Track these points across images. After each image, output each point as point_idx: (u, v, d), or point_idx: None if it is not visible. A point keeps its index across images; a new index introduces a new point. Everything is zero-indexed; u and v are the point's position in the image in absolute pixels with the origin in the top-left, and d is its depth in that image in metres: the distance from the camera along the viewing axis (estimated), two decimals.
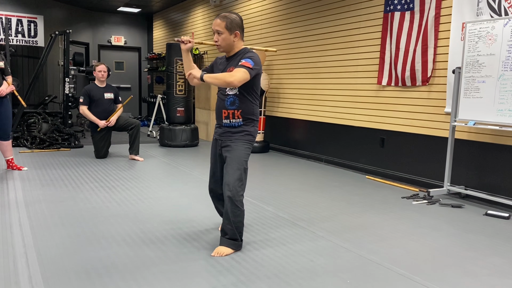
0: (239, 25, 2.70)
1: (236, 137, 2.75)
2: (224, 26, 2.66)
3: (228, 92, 2.73)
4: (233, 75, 2.56)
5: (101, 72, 5.92)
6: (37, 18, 10.09)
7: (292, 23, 6.63)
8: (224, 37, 2.68)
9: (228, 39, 2.69)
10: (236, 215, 2.69)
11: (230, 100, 2.73)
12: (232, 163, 2.69)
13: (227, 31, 2.66)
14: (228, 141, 2.76)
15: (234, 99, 2.72)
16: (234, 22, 2.67)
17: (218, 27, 2.67)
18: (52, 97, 8.97)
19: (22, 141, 6.72)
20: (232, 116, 2.73)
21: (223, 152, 2.79)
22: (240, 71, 2.57)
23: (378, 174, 5.26)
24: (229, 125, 2.76)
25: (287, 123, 6.86)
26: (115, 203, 3.81)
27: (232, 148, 2.73)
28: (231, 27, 2.67)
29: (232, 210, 2.67)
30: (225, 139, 2.78)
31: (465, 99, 4.06)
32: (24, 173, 4.88)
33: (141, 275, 2.39)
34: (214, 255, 2.68)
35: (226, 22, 2.66)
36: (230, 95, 2.72)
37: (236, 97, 2.71)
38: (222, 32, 2.67)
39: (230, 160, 2.71)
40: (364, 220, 3.52)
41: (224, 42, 2.70)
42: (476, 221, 3.60)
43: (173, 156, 6.38)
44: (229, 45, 2.72)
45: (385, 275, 2.49)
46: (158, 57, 10.84)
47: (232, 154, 2.71)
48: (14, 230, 3.04)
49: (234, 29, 2.68)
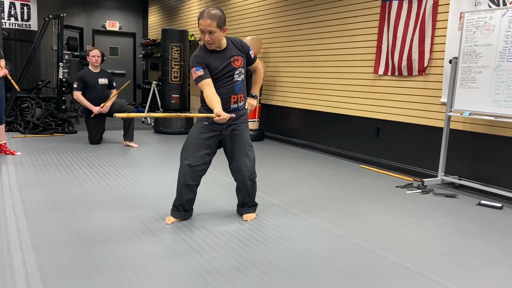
0: (225, 20, 2.81)
1: (242, 119, 2.99)
2: (215, 26, 2.72)
3: (237, 79, 2.91)
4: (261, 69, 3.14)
5: (95, 57, 5.85)
6: (30, 1, 9.92)
7: (288, 10, 6.57)
8: (216, 35, 2.76)
9: (220, 36, 2.79)
10: (255, 189, 3.14)
11: (239, 85, 2.93)
12: (245, 145, 2.99)
13: (218, 29, 2.75)
14: (234, 125, 2.95)
15: (242, 84, 2.95)
16: (222, 18, 2.77)
17: (210, 27, 2.72)
18: (45, 82, 8.89)
19: (15, 126, 6.66)
20: (239, 100, 2.96)
21: (228, 134, 2.95)
22: (259, 63, 3.08)
23: (373, 164, 5.27)
24: (236, 108, 2.95)
25: (283, 112, 6.85)
26: (109, 188, 3.80)
27: (241, 132, 2.98)
28: (221, 24, 2.76)
29: (252, 186, 3.08)
30: (232, 122, 2.91)
31: (461, 89, 4.06)
32: (17, 158, 4.84)
33: (135, 260, 2.39)
34: (246, 219, 3.12)
35: (217, 21, 2.72)
36: (239, 81, 2.92)
37: (242, 82, 2.95)
38: (215, 31, 2.74)
39: (241, 143, 2.97)
40: (358, 209, 3.54)
41: (217, 40, 2.79)
42: (470, 211, 3.63)
43: (168, 143, 6.36)
44: (220, 41, 2.82)
45: (379, 263, 2.50)
46: (153, 43, 10.73)
47: (241, 137, 2.98)
48: (8, 215, 3.02)
49: (223, 25, 2.78)
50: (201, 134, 2.91)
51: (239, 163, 2.99)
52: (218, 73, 2.84)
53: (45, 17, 7.86)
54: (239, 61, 2.90)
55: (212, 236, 2.80)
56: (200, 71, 2.78)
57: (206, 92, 2.77)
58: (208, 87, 2.78)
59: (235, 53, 2.89)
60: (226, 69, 2.85)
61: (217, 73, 2.84)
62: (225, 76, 2.87)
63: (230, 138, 2.97)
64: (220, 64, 2.84)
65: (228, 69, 2.86)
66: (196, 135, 2.92)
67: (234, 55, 2.88)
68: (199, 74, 2.78)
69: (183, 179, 2.93)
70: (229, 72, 2.87)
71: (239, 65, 2.91)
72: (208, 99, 2.75)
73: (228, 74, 2.87)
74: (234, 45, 2.92)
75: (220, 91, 2.83)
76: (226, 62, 2.85)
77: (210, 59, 2.83)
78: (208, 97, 2.75)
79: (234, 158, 3.01)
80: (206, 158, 2.94)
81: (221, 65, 2.84)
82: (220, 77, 2.85)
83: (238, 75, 2.91)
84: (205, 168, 2.97)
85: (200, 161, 2.91)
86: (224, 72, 2.85)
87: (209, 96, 2.75)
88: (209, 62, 2.82)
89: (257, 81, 3.17)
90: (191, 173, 2.91)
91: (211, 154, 2.97)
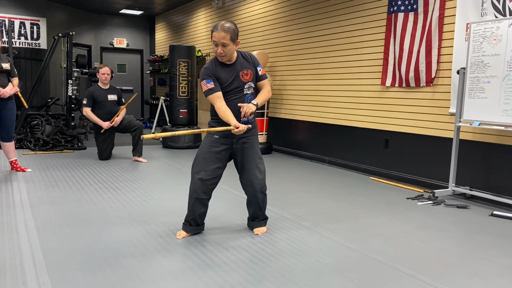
0: (238, 33, 2.85)
1: (252, 132, 3.01)
2: (229, 39, 2.77)
3: (246, 92, 2.94)
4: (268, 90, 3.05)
5: (105, 74, 5.92)
6: (39, 21, 10.11)
7: (295, 24, 6.63)
8: (229, 48, 2.80)
9: (232, 49, 2.83)
10: (266, 202, 3.16)
11: (249, 98, 2.95)
12: (255, 158, 3.02)
13: (231, 42, 2.79)
14: (244, 138, 2.97)
15: (251, 97, 2.97)
16: (235, 32, 2.81)
17: (224, 40, 2.76)
18: (54, 99, 8.99)
19: (25, 143, 6.72)
20: (250, 113, 2.92)
21: (239, 147, 2.97)
22: (268, 84, 3.07)
23: (383, 175, 5.25)
24: (246, 121, 2.94)
25: (290, 125, 6.86)
26: (119, 204, 3.81)
27: (251, 144, 3.01)
28: (234, 37, 2.80)
29: (263, 200, 3.10)
30: (242, 135, 2.93)
31: (469, 100, 4.06)
32: (28, 175, 4.88)
33: (147, 274, 2.39)
34: (257, 233, 3.10)
35: (231, 34, 2.76)
36: (248, 94, 2.95)
37: (252, 95, 2.99)
38: (228, 44, 2.78)
39: (252, 156, 3.00)
40: (369, 221, 3.52)
41: (229, 53, 2.83)
42: (482, 221, 3.59)
43: (176, 158, 6.38)
44: (232, 54, 2.86)
45: (392, 275, 2.48)
46: (160, 59, 10.85)
47: (252, 150, 3.01)
48: (20, 231, 3.04)
49: (236, 38, 2.83)
50: (212, 148, 2.93)
51: (250, 176, 3.00)
52: (227, 86, 2.87)
53: (54, 36, 7.99)
54: (248, 75, 2.94)
55: (224, 250, 2.79)
56: (211, 84, 2.82)
57: (217, 105, 2.81)
58: (219, 100, 2.82)
59: (245, 67, 2.94)
60: (235, 82, 2.88)
61: (227, 86, 2.87)
62: (235, 89, 2.90)
63: (241, 151, 2.99)
64: (229, 77, 2.87)
65: (238, 83, 2.89)
66: (207, 149, 2.93)
67: (244, 69, 2.92)
68: (210, 87, 2.82)
69: (195, 193, 2.94)
70: (238, 85, 2.90)
71: (248, 79, 2.94)
72: (221, 112, 2.79)
73: (237, 87, 2.90)
74: (245, 59, 2.96)
75: (230, 104, 2.86)
76: (236, 76, 2.89)
77: (220, 72, 2.86)
78: (221, 110, 2.79)
79: (245, 171, 3.02)
80: (217, 172, 2.94)
81: (230, 79, 2.87)
82: (230, 90, 2.88)
83: (247, 89, 2.94)
84: (216, 181, 2.97)
85: (212, 175, 2.92)
86: (234, 86, 2.88)
87: (222, 109, 2.79)
88: (219, 75, 2.86)
89: (262, 94, 3.02)
90: (203, 187, 2.92)
91: (222, 168, 2.98)
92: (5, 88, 4.66)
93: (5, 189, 4.23)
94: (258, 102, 2.96)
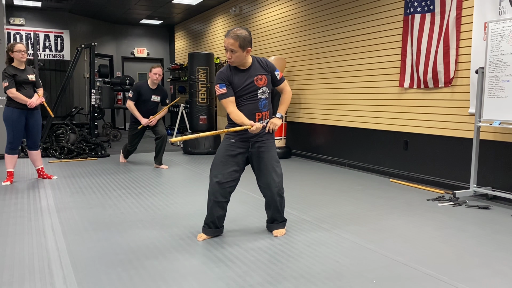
0: (250, 41, 2.90)
1: (267, 136, 3.06)
2: (238, 46, 2.83)
3: (260, 96, 2.99)
4: (289, 90, 3.14)
5: (157, 74, 5.96)
6: (63, 33, 10.43)
7: (312, 28, 6.67)
8: (238, 54, 2.87)
9: (241, 56, 2.88)
10: (284, 204, 3.19)
11: (263, 103, 3.00)
12: (272, 161, 3.05)
13: (240, 49, 2.85)
14: (260, 142, 3.02)
15: (266, 102, 3.02)
16: (246, 40, 2.85)
17: (232, 46, 2.84)
18: (78, 109, 9.23)
19: (51, 151, 6.92)
20: (264, 117, 3.02)
21: (255, 151, 3.03)
22: (287, 84, 3.15)
23: (403, 177, 5.22)
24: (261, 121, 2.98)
25: (309, 129, 6.88)
26: (142, 208, 3.90)
27: (267, 148, 3.05)
28: (244, 45, 2.85)
29: (281, 202, 3.13)
30: (257, 139, 3.01)
31: (489, 99, 4.02)
32: (54, 182, 5.03)
33: (170, 277, 2.45)
34: (276, 235, 3.14)
35: (239, 41, 2.82)
36: (262, 98, 3.00)
37: (267, 100, 3.02)
38: (236, 50, 2.85)
39: (268, 160, 3.04)
40: (389, 222, 3.51)
41: (237, 59, 2.90)
42: (505, 222, 3.55)
43: (197, 163, 6.48)
44: (241, 61, 2.92)
45: (411, 275, 2.48)
46: (180, 67, 11.03)
47: (268, 154, 3.05)
48: (48, 235, 3.15)
49: (246, 46, 2.87)
50: (229, 152, 2.99)
51: (268, 179, 3.05)
52: (240, 91, 2.94)
53: (77, 47, 8.22)
54: (262, 80, 2.99)
55: (243, 251, 2.84)
56: (224, 89, 2.90)
57: (229, 109, 2.91)
58: (231, 104, 2.91)
59: (259, 72, 2.99)
60: (249, 87, 2.95)
61: (240, 91, 2.94)
62: (249, 94, 2.96)
63: (257, 155, 3.04)
64: (242, 82, 2.94)
65: (251, 88, 2.95)
66: (224, 153, 3.00)
67: (258, 74, 2.98)
68: (222, 92, 2.90)
69: (213, 196, 3.00)
70: (252, 90, 2.96)
71: (263, 84, 2.99)
72: (234, 115, 2.88)
73: (251, 92, 2.96)
74: (260, 64, 3.02)
75: (244, 108, 2.94)
76: (249, 81, 2.95)
77: (234, 77, 2.94)
78: (233, 113, 2.89)
79: (262, 174, 3.07)
80: (234, 175, 3.00)
81: (243, 84, 2.94)
82: (244, 94, 2.95)
83: (262, 93, 2.99)
84: (234, 184, 3.03)
85: (229, 178, 2.98)
86: (247, 91, 2.95)
87: (234, 112, 2.89)
88: (232, 79, 2.93)
89: (283, 101, 3.13)
90: (220, 190, 2.98)
91: (239, 171, 3.04)
92: (31, 98, 4.83)
93: (32, 195, 4.38)
94: (282, 113, 3.06)
